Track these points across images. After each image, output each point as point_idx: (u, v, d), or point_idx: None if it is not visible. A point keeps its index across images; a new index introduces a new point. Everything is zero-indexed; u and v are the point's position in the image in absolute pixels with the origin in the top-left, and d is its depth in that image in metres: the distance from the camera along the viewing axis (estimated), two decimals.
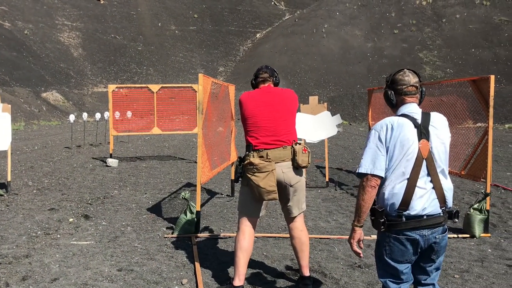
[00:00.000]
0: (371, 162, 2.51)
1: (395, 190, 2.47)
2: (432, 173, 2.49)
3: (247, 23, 57.42)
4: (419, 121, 2.53)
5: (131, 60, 45.36)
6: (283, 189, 3.63)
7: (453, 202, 2.66)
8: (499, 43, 40.93)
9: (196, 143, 15.10)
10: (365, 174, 2.51)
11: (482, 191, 5.32)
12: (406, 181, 2.46)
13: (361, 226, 2.57)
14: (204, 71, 45.61)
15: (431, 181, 2.48)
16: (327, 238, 5.31)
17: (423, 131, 2.50)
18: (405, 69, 2.66)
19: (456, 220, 2.55)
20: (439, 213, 2.48)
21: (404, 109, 2.60)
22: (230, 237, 5.35)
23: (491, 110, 5.22)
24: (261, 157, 3.56)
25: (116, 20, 50.45)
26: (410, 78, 2.61)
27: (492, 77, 5.19)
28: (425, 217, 2.46)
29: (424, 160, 2.48)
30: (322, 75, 41.79)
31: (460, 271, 4.28)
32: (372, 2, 49.45)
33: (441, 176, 2.51)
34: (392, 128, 2.51)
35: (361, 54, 43.56)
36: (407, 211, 2.46)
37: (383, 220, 2.48)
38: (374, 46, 44.42)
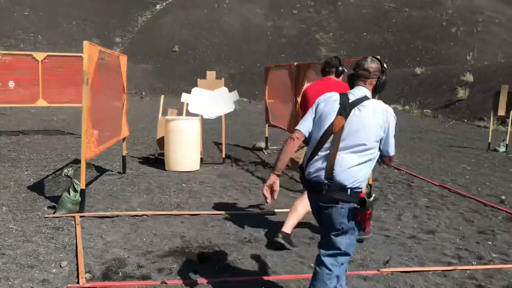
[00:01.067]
0: (302, 121, 2.82)
1: (307, 154, 2.73)
2: (334, 147, 2.60)
3: None
4: (350, 100, 2.67)
5: (16, 26, 41.44)
6: None
7: None
8: (388, 28, 43.72)
9: None
10: (296, 129, 2.81)
11: None
12: (313, 148, 2.69)
13: (277, 174, 2.74)
14: (99, 42, 43.09)
15: (328, 153, 2.61)
16: (220, 214, 5.28)
17: (346, 109, 2.64)
18: (369, 56, 2.81)
19: (359, 206, 2.58)
20: (322, 182, 2.59)
21: (352, 90, 2.76)
22: (118, 216, 5.10)
23: None
24: None
25: None
26: (367, 63, 2.73)
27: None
28: (312, 182, 2.66)
29: (333, 134, 2.62)
30: (223, 51, 41.59)
31: None
32: None
33: (342, 154, 2.58)
34: (325, 99, 2.77)
35: (261, 32, 43.95)
36: (305, 172, 2.72)
37: (301, 180, 2.80)
38: (274, 25, 45.05)
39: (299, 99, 7.68)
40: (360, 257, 4.10)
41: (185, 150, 7.51)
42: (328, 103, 2.72)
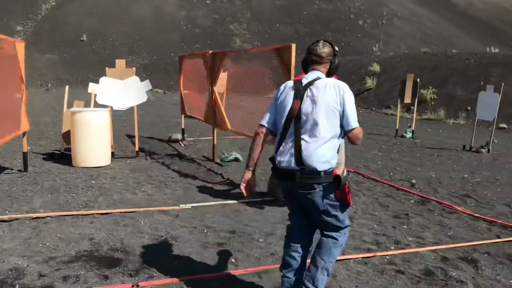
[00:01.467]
0: (265, 114, 2.86)
1: (275, 145, 2.76)
2: (297, 132, 2.65)
3: None
4: (303, 84, 2.72)
5: None
6: None
7: (259, 166, 3.02)
8: (300, 20, 44.72)
9: None
10: (260, 124, 2.85)
11: None
12: (279, 137, 2.74)
13: (249, 170, 2.84)
14: None
15: (293, 140, 2.65)
16: (133, 212, 4.93)
17: (300, 93, 2.69)
18: (321, 40, 2.83)
19: (337, 185, 2.64)
20: (293, 169, 2.61)
21: (306, 75, 2.80)
22: (16, 219, 4.57)
23: (292, 78, 5.41)
24: None
25: None
26: (319, 48, 2.77)
27: (293, 46, 5.36)
28: (284, 170, 2.68)
29: (293, 120, 2.68)
30: (135, 41, 40.11)
31: (265, 234, 4.37)
32: None
33: (306, 138, 2.62)
34: (282, 88, 2.83)
35: (174, 22, 43.01)
36: (275, 162, 2.74)
37: (272, 170, 2.82)
38: (187, 15, 44.28)
39: (215, 88, 7.47)
40: (279, 249, 3.99)
41: (94, 144, 6.99)
42: (285, 91, 2.79)
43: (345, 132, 2.69)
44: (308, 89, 2.68)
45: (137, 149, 8.05)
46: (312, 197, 2.63)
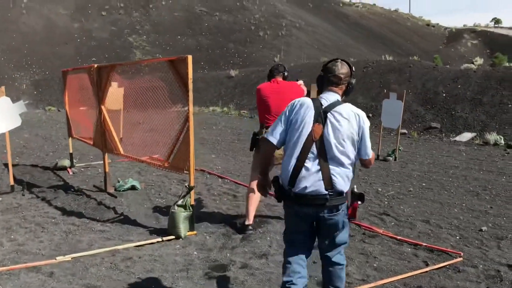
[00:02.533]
0: (271, 129, 2.79)
1: (288, 167, 2.67)
2: (320, 156, 2.63)
3: None
4: (323, 106, 2.69)
5: None
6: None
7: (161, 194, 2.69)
8: (201, 31, 44.19)
9: None
10: (265, 138, 2.81)
11: (186, 184, 4.77)
12: (295, 160, 2.64)
13: (263, 174, 2.90)
14: None
15: (318, 164, 2.62)
16: None
17: (321, 116, 2.66)
18: (338, 59, 2.81)
19: (360, 202, 2.86)
20: (323, 194, 2.60)
21: (322, 95, 2.77)
22: None
23: (190, 94, 4.67)
24: None
25: None
26: (338, 68, 2.76)
27: (189, 58, 4.64)
28: (308, 196, 2.63)
29: (314, 143, 2.64)
30: (23, 56, 36.94)
31: None
32: None
33: (332, 162, 2.62)
34: (297, 105, 2.73)
35: (67, 35, 40.37)
36: (294, 188, 2.66)
37: (278, 194, 2.77)
38: (82, 27, 41.83)
39: (105, 106, 6.52)
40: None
41: None
42: (301, 110, 2.71)
43: (360, 159, 2.79)
44: (330, 113, 2.66)
45: (11, 182, 6.77)
46: (337, 219, 2.70)
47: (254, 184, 4.83)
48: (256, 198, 4.89)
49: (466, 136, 13.16)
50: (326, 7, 64.84)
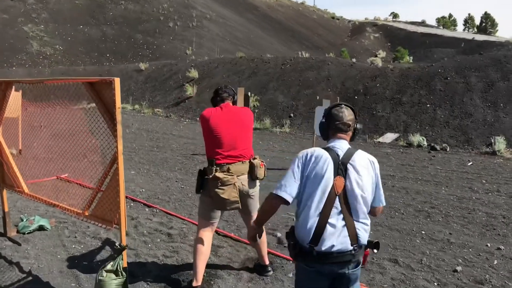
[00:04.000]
0: (283, 184, 2.58)
1: (308, 224, 2.50)
2: (345, 211, 2.50)
3: None
4: (340, 157, 2.57)
5: None
6: (243, 198, 3.94)
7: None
8: (106, 21, 41.46)
9: None
10: (276, 195, 2.57)
11: (117, 244, 3.73)
12: (318, 217, 2.49)
13: (262, 226, 2.83)
14: None
15: (343, 219, 2.50)
16: None
17: (340, 168, 2.54)
18: (343, 105, 2.72)
19: (376, 250, 2.62)
20: (349, 250, 2.49)
21: (332, 143, 2.65)
22: None
23: (119, 128, 3.63)
24: (223, 171, 3.86)
25: None
26: (345, 115, 2.67)
27: (117, 80, 3.60)
28: (335, 254, 2.48)
29: (337, 197, 2.51)
30: None
31: None
32: None
33: (355, 215, 2.51)
34: (311, 157, 2.58)
35: None
36: (317, 247, 2.48)
37: (295, 252, 2.57)
38: None
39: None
40: None
41: None
42: (318, 162, 2.56)
43: (372, 208, 2.64)
44: (349, 164, 2.55)
45: None
46: (358, 272, 2.61)
47: (204, 234, 4.02)
48: (206, 252, 3.99)
49: (389, 137, 13.19)
50: None
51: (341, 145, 2.62)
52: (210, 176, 3.88)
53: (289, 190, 2.55)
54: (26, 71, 28.55)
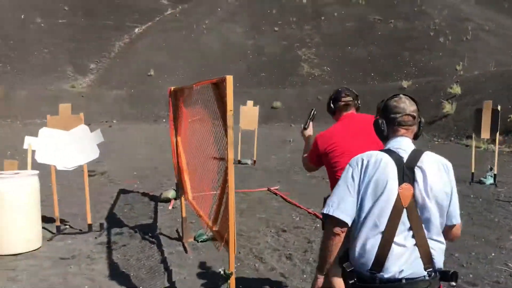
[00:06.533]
0: (337, 202, 2.05)
1: (367, 245, 2.01)
2: (414, 226, 1.99)
3: (125, 17, 53.53)
4: (405, 160, 2.05)
5: None
6: None
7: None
8: (373, 41, 41.77)
9: None
10: (329, 216, 2.04)
11: (221, 269, 3.14)
12: (380, 235, 1.99)
13: (323, 274, 2.17)
14: (72, 69, 41.57)
15: (413, 237, 1.99)
16: None
17: (406, 173, 2.02)
18: (401, 95, 2.19)
19: (454, 283, 2.06)
20: (423, 276, 1.99)
21: (393, 143, 2.13)
22: None
23: (230, 133, 3.07)
24: None
25: None
26: (407, 106, 2.13)
27: (229, 78, 3.07)
28: (403, 281, 1.98)
29: (405, 210, 2.00)
30: (201, 74, 39.67)
31: None
32: None
33: (428, 232, 2.00)
34: (367, 164, 2.06)
35: (241, 52, 42.23)
36: (381, 273, 1.98)
37: (352, 281, 2.05)
38: (255, 44, 43.37)
39: (179, 139, 5.35)
40: None
41: (7, 223, 5.08)
42: (379, 168, 2.01)
43: (446, 226, 2.07)
44: (417, 168, 2.01)
45: (89, 221, 6.02)
46: None
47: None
48: None
49: None
50: None
51: (403, 144, 2.10)
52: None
53: (345, 208, 2.02)
54: (296, 91, 31.05)
